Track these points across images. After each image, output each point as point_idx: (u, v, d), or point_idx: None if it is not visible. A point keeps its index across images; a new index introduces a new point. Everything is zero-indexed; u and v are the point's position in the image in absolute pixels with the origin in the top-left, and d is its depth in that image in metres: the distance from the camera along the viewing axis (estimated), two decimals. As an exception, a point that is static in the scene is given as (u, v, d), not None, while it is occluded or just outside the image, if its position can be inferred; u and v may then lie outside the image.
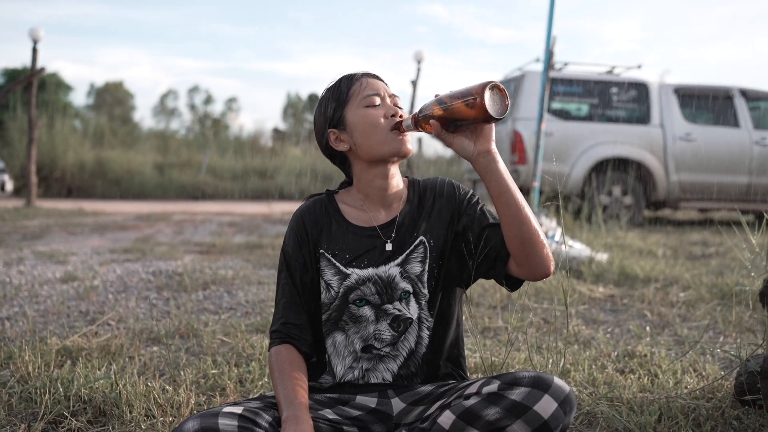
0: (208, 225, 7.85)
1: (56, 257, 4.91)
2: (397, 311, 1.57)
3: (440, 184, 1.67)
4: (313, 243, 1.61)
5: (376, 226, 1.61)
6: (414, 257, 1.60)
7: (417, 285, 1.59)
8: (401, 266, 1.58)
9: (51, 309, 3.33)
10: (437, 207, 1.63)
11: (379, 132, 1.54)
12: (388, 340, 1.58)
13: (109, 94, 48.08)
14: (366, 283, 1.58)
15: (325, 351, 1.62)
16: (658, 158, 7.80)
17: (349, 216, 1.63)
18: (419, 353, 1.61)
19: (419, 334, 1.60)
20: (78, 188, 14.66)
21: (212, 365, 2.36)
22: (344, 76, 1.61)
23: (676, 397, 2.06)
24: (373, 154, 1.56)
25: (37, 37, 10.16)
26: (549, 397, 1.36)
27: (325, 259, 1.60)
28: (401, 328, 1.57)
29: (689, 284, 4.03)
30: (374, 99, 1.56)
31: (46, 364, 2.30)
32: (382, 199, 1.62)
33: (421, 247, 1.60)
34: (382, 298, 1.57)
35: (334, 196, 1.67)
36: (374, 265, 1.58)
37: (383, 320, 1.57)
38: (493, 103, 1.37)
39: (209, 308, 3.43)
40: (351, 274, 1.58)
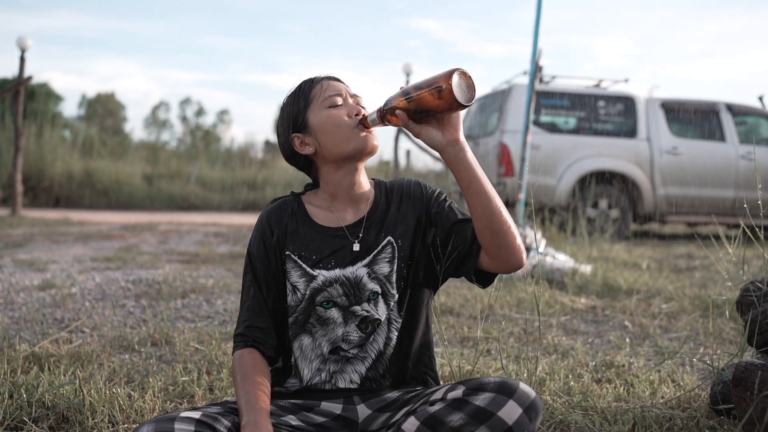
0: (194, 235, 7.80)
1: (36, 265, 4.86)
2: (365, 312, 1.54)
3: (407, 185, 1.65)
4: (278, 245, 1.58)
5: (343, 226, 1.59)
6: (382, 257, 1.57)
7: (385, 285, 1.56)
8: (368, 267, 1.56)
9: (25, 316, 3.28)
10: (404, 207, 1.62)
11: (343, 130, 1.53)
12: (356, 342, 1.55)
13: (100, 105, 47.95)
14: (333, 285, 1.55)
15: (291, 354, 1.59)
16: (645, 172, 7.82)
17: (316, 217, 1.61)
18: (387, 354, 1.58)
19: (388, 335, 1.58)
20: (66, 198, 14.54)
21: (182, 372, 2.31)
22: (304, 80, 1.60)
23: (651, 406, 2.03)
24: (340, 153, 1.54)
25: (25, 45, 10.12)
26: (514, 403, 1.33)
27: (291, 261, 1.57)
28: (369, 329, 1.55)
29: (672, 296, 4.02)
30: (336, 99, 1.55)
31: (12, 370, 2.26)
32: (349, 199, 1.60)
33: (389, 247, 1.58)
34: (349, 300, 1.55)
35: (300, 198, 1.65)
36: (341, 266, 1.56)
37: (351, 322, 1.55)
38: (461, 90, 1.35)
39: (186, 316, 3.39)
40: (318, 276, 1.56)
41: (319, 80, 1.59)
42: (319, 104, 1.56)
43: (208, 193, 15.67)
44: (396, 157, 11.06)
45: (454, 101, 1.34)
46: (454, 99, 1.34)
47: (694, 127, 8.16)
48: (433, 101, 1.37)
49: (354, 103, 1.57)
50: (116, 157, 17.84)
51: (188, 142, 43.32)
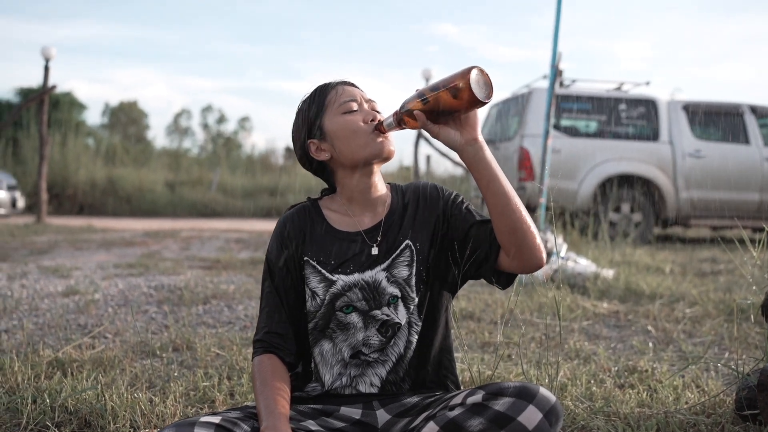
0: (215, 241, 7.85)
1: (60, 272, 4.92)
2: (386, 316, 1.54)
3: (423, 187, 1.64)
4: (296, 250, 1.58)
5: (361, 230, 1.58)
6: (400, 261, 1.57)
7: (405, 289, 1.56)
8: (387, 270, 1.55)
9: (49, 322, 3.32)
10: (422, 210, 1.61)
11: (359, 136, 1.52)
12: (376, 346, 1.55)
13: (123, 114, 48.52)
14: (352, 289, 1.55)
15: (312, 360, 1.59)
16: (668, 175, 7.74)
17: (333, 222, 1.61)
18: (407, 357, 1.57)
19: (408, 338, 1.57)
20: (89, 206, 14.73)
21: (203, 377, 2.33)
22: (319, 85, 1.60)
23: (675, 412, 2.01)
24: (356, 158, 1.54)
25: (49, 55, 10.28)
26: (534, 408, 1.32)
27: (309, 267, 1.57)
28: (389, 333, 1.54)
29: (696, 300, 3.96)
30: (351, 105, 1.54)
31: (36, 375, 2.28)
32: (366, 203, 1.60)
33: (407, 250, 1.57)
34: (369, 304, 1.54)
35: (318, 203, 1.65)
36: (360, 270, 1.55)
37: (371, 326, 1.54)
38: (479, 88, 1.34)
39: (208, 322, 3.41)
40: (337, 281, 1.55)
41: (333, 85, 1.59)
42: (334, 110, 1.55)
43: (229, 200, 15.78)
44: (416, 163, 11.05)
45: (472, 99, 1.33)
46: (472, 97, 1.33)
47: (718, 130, 8.08)
48: (451, 101, 1.36)
49: (369, 108, 1.57)
50: (139, 165, 18.05)
51: (209, 149, 43.67)
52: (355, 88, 1.60)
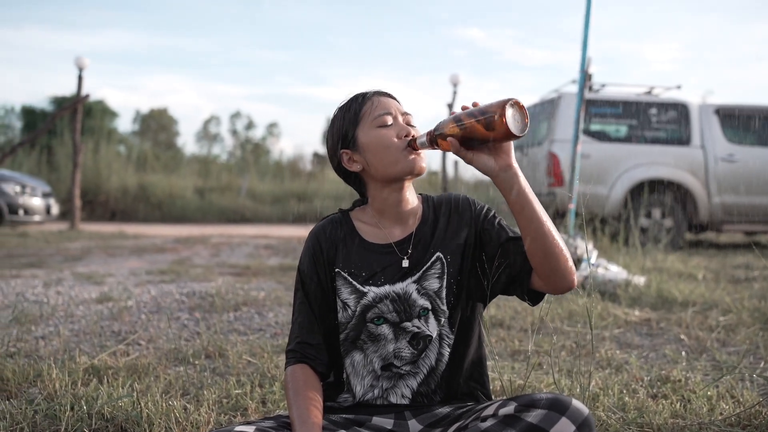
0: (245, 248, 7.92)
1: (94, 278, 5.00)
2: (416, 329, 1.54)
3: (455, 200, 1.65)
4: (328, 262, 1.60)
5: (392, 242, 1.59)
6: (431, 273, 1.57)
7: (435, 301, 1.56)
8: (418, 283, 1.56)
9: (84, 329, 3.38)
10: (453, 223, 1.61)
11: (391, 152, 1.52)
12: (408, 358, 1.55)
13: (153, 121, 49.20)
14: (383, 301, 1.55)
15: (344, 370, 1.60)
16: (700, 180, 7.64)
17: (364, 234, 1.61)
18: (439, 370, 1.58)
19: (440, 351, 1.57)
20: (121, 212, 14.96)
21: (235, 385, 2.35)
22: (355, 95, 1.60)
23: (709, 423, 1.98)
24: (387, 174, 1.55)
25: (82, 65, 10.47)
26: (566, 420, 1.32)
27: (341, 278, 1.59)
28: (421, 345, 1.54)
29: (730, 308, 3.90)
30: (386, 118, 1.54)
31: (73, 382, 2.32)
32: (397, 216, 1.60)
33: (438, 263, 1.58)
34: (400, 316, 1.55)
35: (349, 214, 1.66)
36: (390, 282, 1.56)
37: (402, 338, 1.55)
38: (515, 121, 1.34)
39: (239, 329, 3.44)
40: (368, 293, 1.56)
41: (370, 96, 1.58)
42: (368, 123, 1.55)
43: (258, 206, 15.91)
44: (444, 168, 11.04)
45: (507, 132, 1.33)
46: (507, 130, 1.33)
47: (751, 134, 7.95)
48: (485, 131, 1.36)
49: (404, 122, 1.57)
50: (169, 171, 18.29)
51: (238, 155, 44.06)
52: (392, 100, 1.59)
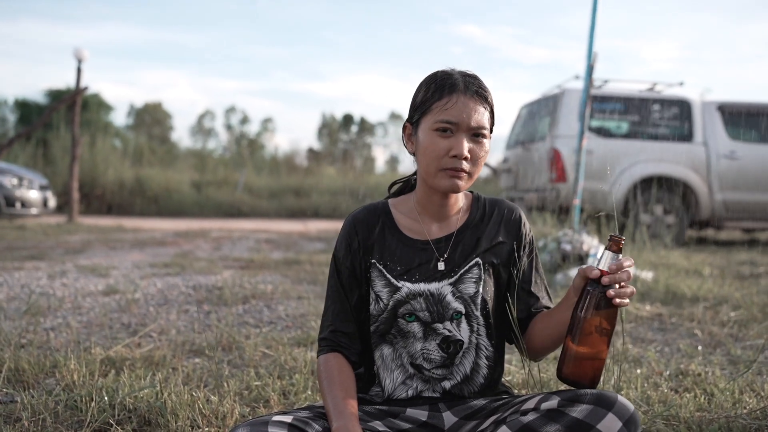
0: (245, 241, 7.88)
1: (98, 271, 4.96)
2: (447, 332, 1.51)
3: (508, 211, 1.61)
4: (363, 251, 1.57)
5: (429, 240, 1.56)
6: (468, 278, 1.54)
7: (470, 306, 1.54)
8: (454, 285, 1.53)
9: (94, 320, 3.35)
10: (501, 233, 1.59)
11: (432, 164, 1.47)
12: (437, 362, 1.52)
13: (148, 115, 49.01)
14: (417, 298, 1.52)
15: (374, 363, 1.58)
16: (702, 177, 7.64)
17: (402, 226, 1.58)
18: (476, 381, 1.55)
19: (476, 361, 1.55)
20: (117, 205, 14.86)
21: (255, 377, 2.33)
22: (446, 77, 1.48)
23: (736, 417, 1.97)
24: (425, 178, 1.51)
25: (82, 56, 10.40)
26: (613, 416, 1.30)
27: (376, 270, 1.56)
28: (451, 349, 1.51)
29: (740, 304, 3.90)
30: (447, 127, 1.45)
31: (90, 373, 2.30)
32: (438, 215, 1.57)
33: (476, 268, 1.55)
34: (432, 316, 1.52)
35: (388, 203, 1.63)
36: (426, 280, 1.53)
37: (432, 339, 1.52)
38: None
39: (249, 322, 3.42)
40: (402, 288, 1.53)
41: (454, 91, 1.46)
42: (432, 120, 1.46)
43: (255, 200, 15.85)
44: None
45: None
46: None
47: (753, 131, 7.95)
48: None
49: (468, 136, 1.46)
50: (165, 165, 18.18)
51: (233, 150, 43.94)
52: (473, 105, 1.46)
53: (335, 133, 56.01)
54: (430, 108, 1.47)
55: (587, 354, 1.37)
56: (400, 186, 1.70)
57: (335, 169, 22.79)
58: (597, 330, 1.35)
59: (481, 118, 1.47)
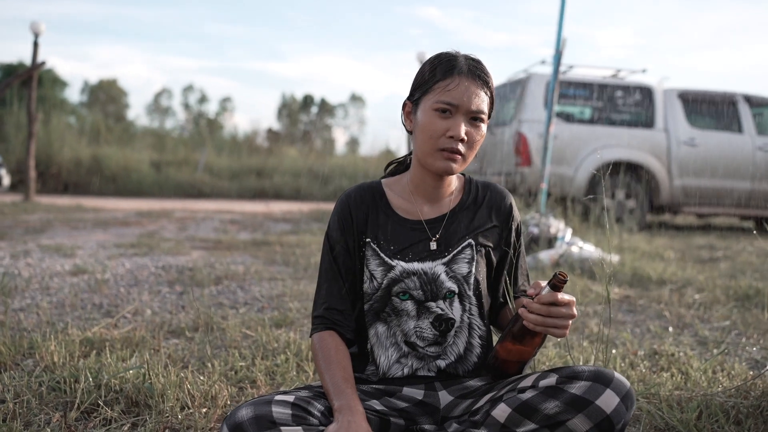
0: (210, 222, 7.80)
1: (62, 251, 4.86)
2: (440, 310, 1.53)
3: (500, 196, 1.63)
4: (357, 229, 1.57)
5: (422, 220, 1.57)
6: (461, 258, 1.56)
7: (463, 286, 1.55)
8: (447, 265, 1.55)
9: (65, 301, 3.29)
10: (493, 218, 1.61)
11: (429, 144, 1.48)
12: (430, 339, 1.54)
13: (102, 92, 47.88)
14: (411, 277, 1.54)
15: (368, 341, 1.59)
16: (662, 162, 7.81)
17: (395, 206, 1.59)
18: (470, 360, 1.57)
19: (470, 341, 1.57)
20: (74, 184, 14.54)
21: (239, 358, 2.32)
22: (451, 58, 1.49)
23: (713, 395, 2.04)
24: (420, 158, 1.53)
25: (38, 30, 10.09)
26: (611, 392, 1.34)
27: (370, 249, 1.56)
28: (443, 327, 1.53)
29: (703, 286, 4.02)
30: (446, 108, 1.45)
31: (70, 354, 2.26)
32: (431, 196, 1.59)
33: (468, 249, 1.57)
34: (426, 295, 1.53)
35: (381, 183, 1.63)
36: (419, 260, 1.55)
37: (425, 317, 1.53)
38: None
39: (225, 303, 3.39)
40: (396, 266, 1.54)
41: (456, 73, 1.46)
42: (432, 100, 1.47)
43: (216, 181, 15.67)
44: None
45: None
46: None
47: (712, 119, 8.14)
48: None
49: (466, 120, 1.47)
50: (123, 144, 17.81)
51: (191, 129, 43.27)
52: (474, 89, 1.47)
53: (295, 114, 55.56)
54: (432, 88, 1.48)
55: (510, 357, 1.47)
56: (394, 166, 1.71)
57: (297, 150, 22.64)
58: (513, 349, 1.46)
59: (481, 103, 1.48)
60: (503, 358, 1.48)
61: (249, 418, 1.30)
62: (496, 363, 1.50)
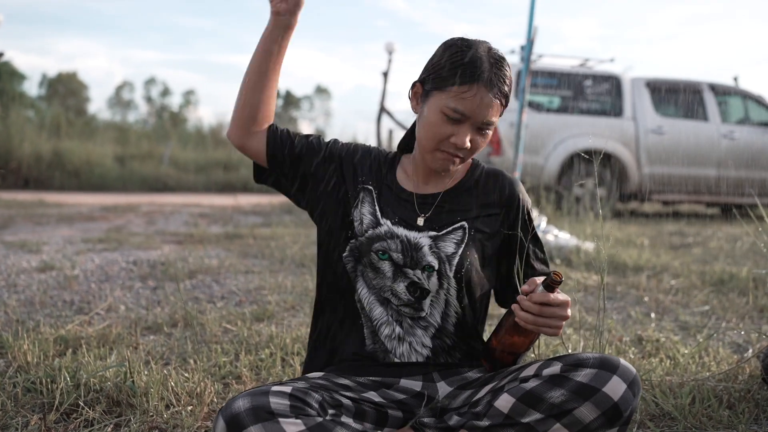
0: (179, 216, 7.65)
1: (27, 247, 4.71)
2: (416, 278, 1.50)
3: (502, 180, 1.59)
4: (357, 167, 1.59)
5: (414, 193, 1.56)
6: (450, 237, 1.53)
7: (444, 265, 1.51)
8: (433, 240, 1.52)
9: (33, 298, 3.17)
10: (493, 202, 1.57)
11: (431, 142, 1.46)
12: (404, 300, 1.51)
13: (62, 85, 46.84)
14: (394, 239, 1.51)
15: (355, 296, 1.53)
16: (631, 151, 7.87)
17: (399, 178, 1.60)
18: (448, 330, 1.54)
19: (445, 311, 1.53)
20: (35, 179, 14.13)
21: (222, 353, 2.25)
22: (470, 63, 1.41)
23: (704, 380, 2.04)
24: (420, 150, 1.52)
25: (-4, 21, 9.76)
26: (618, 379, 1.31)
27: (368, 194, 1.56)
28: (417, 294, 1.50)
29: (679, 272, 4.05)
30: (456, 115, 1.42)
31: (44, 353, 2.17)
32: (430, 176, 1.57)
33: (460, 231, 1.53)
34: (405, 260, 1.51)
35: (397, 156, 1.64)
36: (406, 227, 1.53)
37: (400, 281, 1.50)
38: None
39: (200, 297, 3.31)
40: (383, 224, 1.53)
41: (475, 80, 1.40)
42: (445, 101, 1.42)
43: (182, 174, 15.41)
44: (379, 138, 10.95)
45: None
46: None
47: (678, 107, 8.24)
48: None
49: (473, 130, 1.44)
50: (85, 138, 17.39)
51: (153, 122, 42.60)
52: (490, 101, 1.42)
53: (260, 107, 54.99)
54: (447, 89, 1.43)
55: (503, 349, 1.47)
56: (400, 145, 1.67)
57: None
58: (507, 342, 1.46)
59: (493, 114, 1.45)
60: (497, 348, 1.47)
61: (246, 409, 1.25)
62: (491, 354, 1.48)
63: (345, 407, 1.39)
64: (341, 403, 1.39)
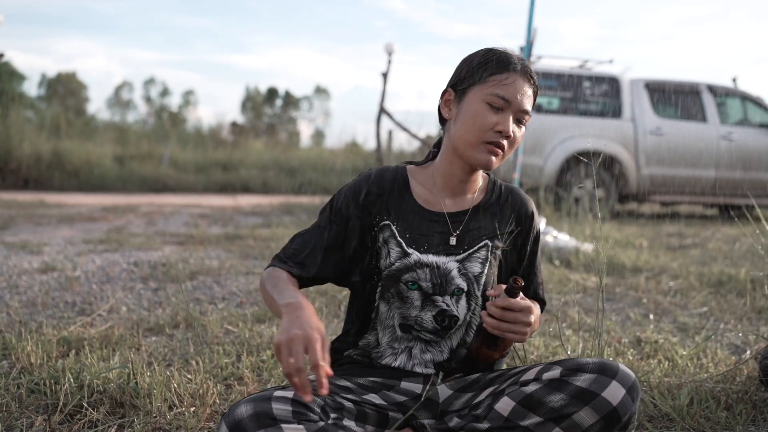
0: (179, 217, 7.66)
1: (28, 247, 4.72)
2: (445, 305, 1.51)
3: (522, 200, 1.61)
4: (374, 208, 1.53)
5: (444, 212, 1.55)
6: (476, 257, 1.54)
7: (473, 285, 1.53)
8: (461, 263, 1.53)
9: (35, 300, 3.19)
10: (513, 221, 1.59)
11: (474, 134, 1.45)
12: (429, 330, 1.52)
13: (61, 85, 46.83)
14: (423, 268, 1.51)
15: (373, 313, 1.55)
16: (630, 152, 7.90)
17: (417, 195, 1.56)
18: (460, 355, 1.56)
19: (464, 337, 1.55)
20: (35, 180, 14.14)
21: (224, 355, 2.27)
22: (504, 56, 1.48)
23: (702, 381, 2.05)
24: (459, 148, 1.49)
25: (-4, 21, 9.78)
26: (617, 384, 1.33)
27: (389, 231, 1.53)
28: (446, 323, 1.51)
29: (678, 274, 4.07)
30: (500, 102, 1.44)
31: (47, 354, 2.19)
32: (456, 189, 1.56)
33: (484, 249, 1.55)
34: (434, 288, 1.51)
35: (406, 169, 1.60)
36: (435, 252, 1.52)
37: (428, 309, 1.51)
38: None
39: (201, 298, 3.33)
40: (411, 255, 1.52)
41: (512, 69, 1.46)
42: (486, 91, 1.45)
43: (181, 175, 15.41)
44: (378, 139, 10.96)
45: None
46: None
47: (677, 108, 8.25)
48: None
49: (514, 119, 1.47)
50: (84, 138, 17.40)
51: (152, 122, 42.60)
52: (527, 89, 1.47)
53: (259, 107, 55.07)
54: (487, 79, 1.45)
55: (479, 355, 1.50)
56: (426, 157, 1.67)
57: (262, 143, 22.43)
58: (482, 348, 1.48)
59: (530, 104, 1.48)
60: (474, 354, 1.50)
61: (249, 416, 1.26)
62: (470, 357, 1.52)
63: (347, 410, 1.41)
64: (343, 406, 1.41)
